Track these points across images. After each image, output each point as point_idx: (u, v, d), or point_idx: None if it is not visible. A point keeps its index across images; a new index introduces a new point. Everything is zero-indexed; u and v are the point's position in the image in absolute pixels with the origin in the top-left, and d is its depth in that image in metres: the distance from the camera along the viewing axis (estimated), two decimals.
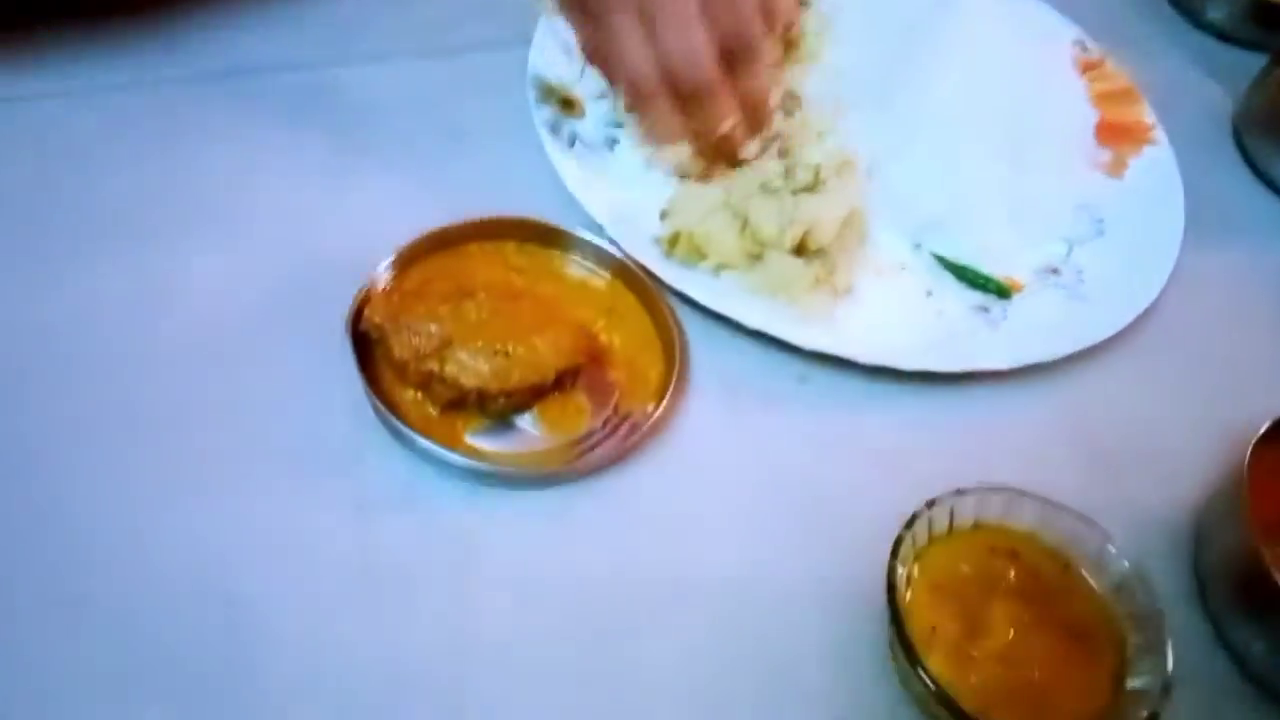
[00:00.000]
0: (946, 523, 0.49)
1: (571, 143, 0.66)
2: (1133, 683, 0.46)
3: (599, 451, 0.55)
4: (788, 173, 0.59)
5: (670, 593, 0.52)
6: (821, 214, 0.58)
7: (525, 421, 0.55)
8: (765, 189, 0.60)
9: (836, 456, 0.57)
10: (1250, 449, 0.51)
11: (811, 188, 0.59)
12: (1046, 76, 0.71)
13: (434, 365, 0.53)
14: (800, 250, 0.59)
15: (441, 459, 0.53)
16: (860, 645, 0.50)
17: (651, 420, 0.55)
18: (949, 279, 0.65)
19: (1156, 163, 0.70)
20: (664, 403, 0.55)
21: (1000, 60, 0.68)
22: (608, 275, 0.61)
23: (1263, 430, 0.52)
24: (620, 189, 0.64)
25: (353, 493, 0.53)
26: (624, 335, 0.59)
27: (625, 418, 0.56)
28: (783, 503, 0.55)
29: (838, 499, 0.55)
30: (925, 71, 0.67)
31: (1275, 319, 0.68)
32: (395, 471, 0.54)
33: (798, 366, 0.61)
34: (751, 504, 0.55)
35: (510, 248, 0.62)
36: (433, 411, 0.54)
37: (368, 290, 0.56)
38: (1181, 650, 0.51)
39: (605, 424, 0.56)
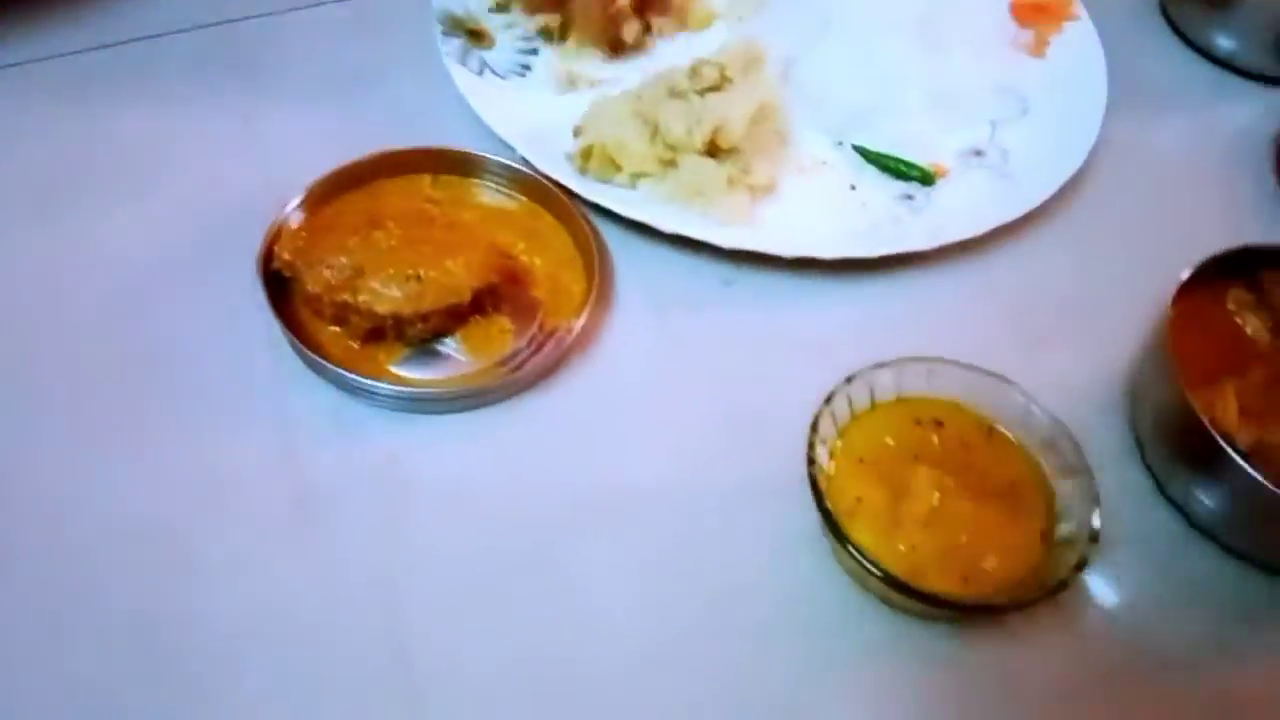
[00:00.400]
0: (868, 398, 0.50)
1: (480, 71, 0.66)
2: (1062, 534, 0.46)
3: (525, 369, 0.55)
4: (693, 74, 0.59)
5: (606, 501, 0.52)
6: (729, 112, 0.58)
7: (449, 347, 0.56)
8: (673, 93, 0.59)
9: (766, 353, 0.58)
10: (1172, 299, 0.51)
11: (718, 86, 0.59)
12: None
13: (347, 296, 0.53)
14: (712, 151, 0.59)
15: (364, 389, 0.53)
16: (797, 529, 0.50)
17: (574, 334, 0.56)
18: (873, 171, 0.64)
19: (1078, 38, 0.70)
20: (584, 316, 0.56)
21: None
22: (524, 198, 0.61)
23: (1184, 278, 0.52)
24: (533, 113, 0.64)
25: (279, 431, 0.53)
26: (545, 255, 0.59)
27: (550, 335, 0.56)
28: (713, 402, 0.56)
29: (769, 393, 0.55)
30: None
31: (1203, 180, 0.68)
32: (320, 407, 0.54)
33: (723, 270, 0.61)
34: (682, 407, 0.56)
35: (426, 180, 0.62)
36: (354, 344, 0.55)
37: (278, 229, 0.56)
38: (1126, 508, 0.53)
39: (531, 342, 0.56)
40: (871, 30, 0.65)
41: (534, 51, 0.69)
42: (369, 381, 0.52)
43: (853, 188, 0.64)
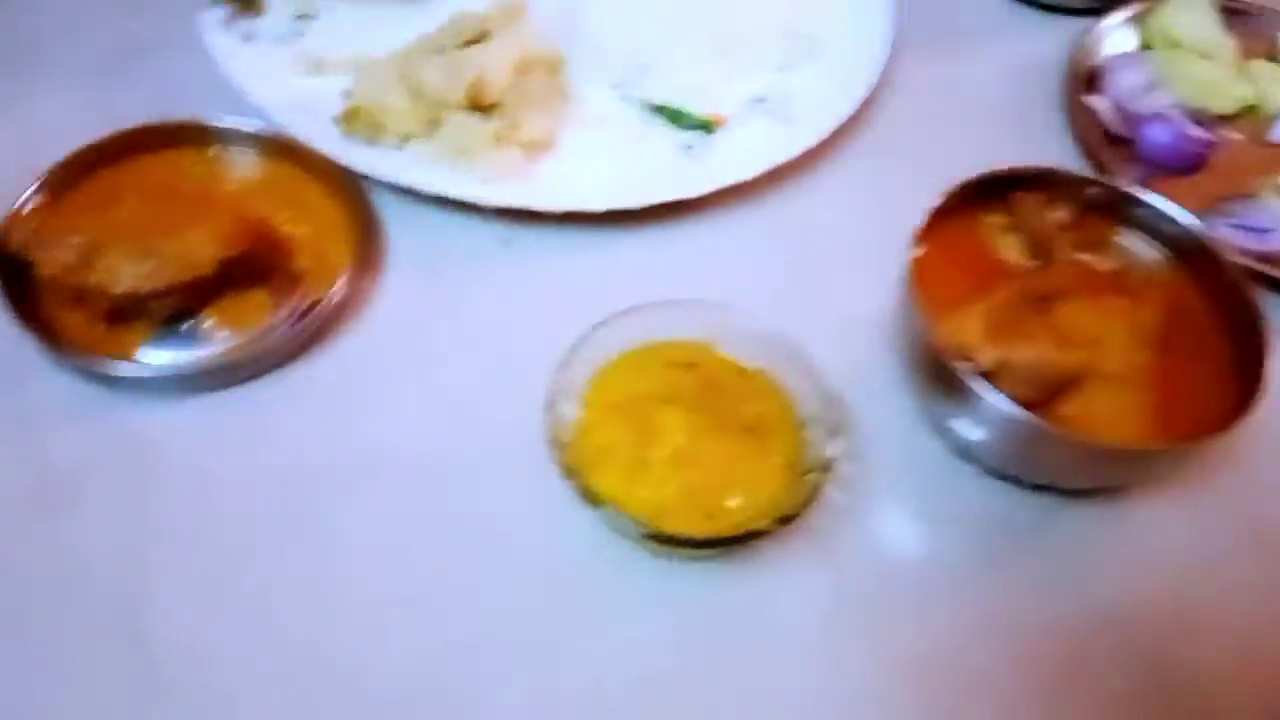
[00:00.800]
0: (621, 344, 0.51)
1: (248, 39, 0.66)
2: (807, 466, 0.48)
3: (279, 343, 0.55)
4: (452, 27, 0.60)
5: (367, 468, 0.53)
6: (488, 64, 0.59)
7: (205, 324, 0.56)
8: (435, 49, 0.60)
9: (545, 309, 0.58)
10: (918, 230, 0.53)
11: (479, 39, 0.60)
12: None
13: (82, 277, 0.53)
14: (479, 107, 0.60)
15: (105, 372, 0.53)
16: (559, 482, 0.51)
17: (334, 304, 0.56)
18: (658, 122, 0.66)
19: None
20: (342, 284, 0.56)
21: None
22: (289, 166, 0.61)
23: (933, 208, 0.54)
24: (302, 80, 0.64)
25: (21, 419, 0.53)
26: (310, 224, 0.60)
27: (313, 305, 0.57)
28: (484, 362, 0.57)
29: (541, 348, 0.54)
30: None
31: (993, 112, 0.70)
32: (62, 392, 0.54)
33: (501, 229, 0.61)
34: (453, 368, 0.56)
35: (188, 155, 0.61)
36: (99, 326, 0.54)
37: (11, 214, 0.56)
38: (893, 439, 0.55)
39: (292, 314, 0.57)
40: None
41: (308, 17, 0.69)
42: (108, 364, 0.52)
43: (638, 140, 0.65)
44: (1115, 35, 0.73)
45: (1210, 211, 0.65)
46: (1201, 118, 0.70)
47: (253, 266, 0.56)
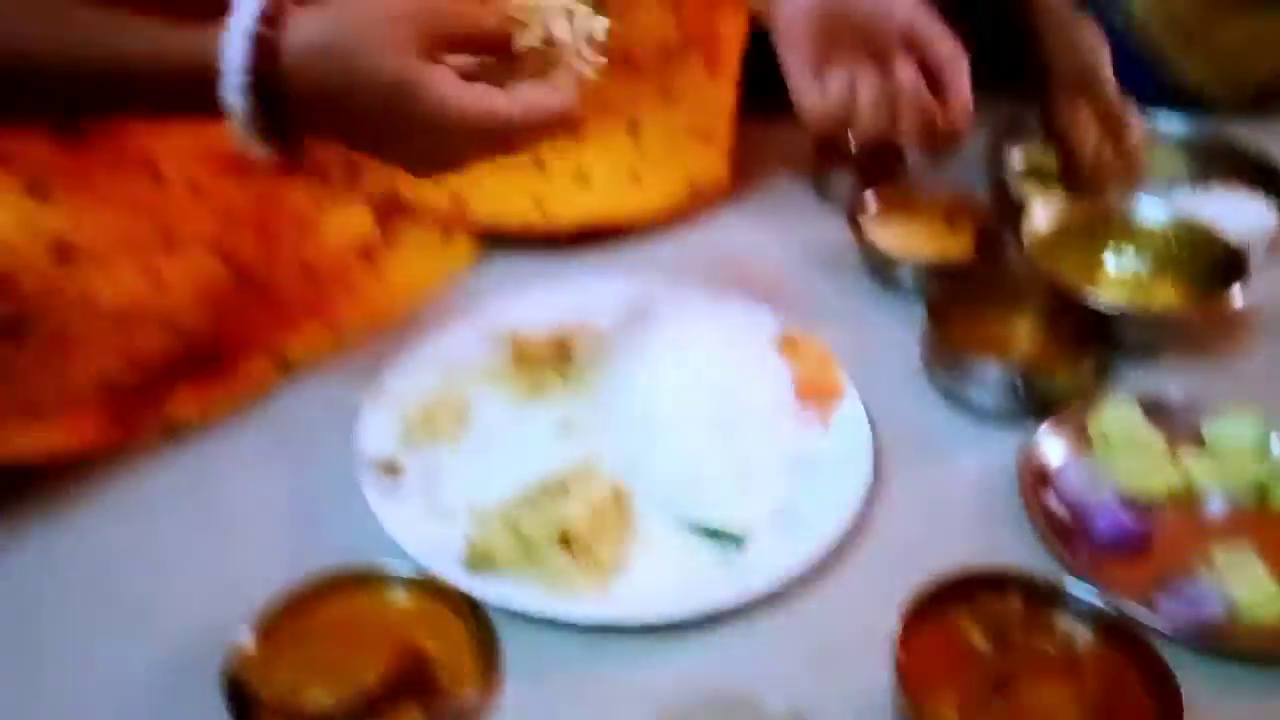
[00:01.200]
0: None
1: (393, 495, 0.92)
2: None
3: None
4: (541, 487, 0.86)
5: None
6: (570, 513, 0.84)
7: None
8: (530, 502, 0.86)
9: (626, 708, 0.78)
10: (901, 626, 0.73)
11: (565, 492, 0.86)
12: (751, 363, 1.00)
13: (290, 702, 0.75)
14: (565, 544, 0.84)
15: None
16: None
17: (466, 712, 0.77)
18: (700, 539, 0.89)
19: (851, 410, 0.98)
20: (470, 694, 0.77)
21: (710, 361, 0.98)
22: (429, 597, 0.84)
23: (909, 609, 0.74)
24: (436, 527, 0.90)
25: None
26: (446, 643, 0.81)
27: (451, 713, 0.78)
28: None
29: None
30: (650, 385, 0.96)
31: (965, 515, 0.92)
32: None
33: (588, 638, 0.83)
34: None
35: (360, 595, 0.84)
36: None
37: (237, 652, 0.79)
38: None
39: None
40: (688, 428, 0.93)
41: (436, 477, 0.96)
42: None
43: (683, 553, 0.88)
44: (1057, 439, 0.96)
45: (1154, 589, 0.83)
46: (1140, 505, 0.91)
47: (407, 683, 0.78)
